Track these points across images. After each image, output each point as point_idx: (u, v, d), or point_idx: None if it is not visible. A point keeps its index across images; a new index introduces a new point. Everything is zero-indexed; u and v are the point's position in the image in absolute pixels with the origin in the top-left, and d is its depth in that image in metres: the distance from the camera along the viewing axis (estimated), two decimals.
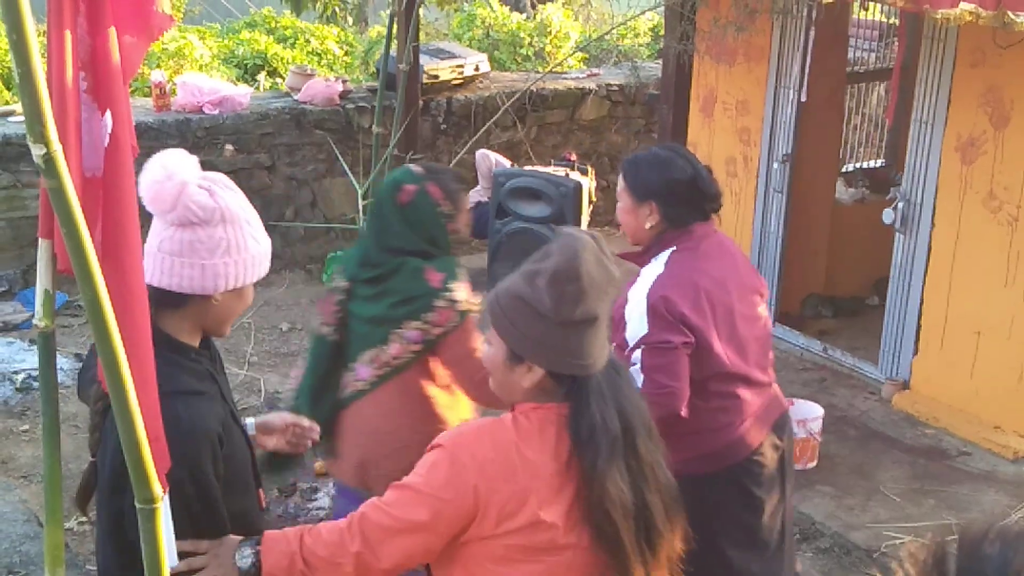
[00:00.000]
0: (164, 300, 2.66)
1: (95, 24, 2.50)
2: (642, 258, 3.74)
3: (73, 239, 1.71)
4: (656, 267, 3.65)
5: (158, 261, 2.69)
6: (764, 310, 3.84)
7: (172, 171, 2.79)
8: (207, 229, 2.70)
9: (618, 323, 3.59)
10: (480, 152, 7.94)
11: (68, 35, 2.44)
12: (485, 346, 2.63)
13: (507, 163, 8.03)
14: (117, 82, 2.58)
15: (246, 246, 2.74)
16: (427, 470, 2.46)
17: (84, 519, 5.33)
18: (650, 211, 3.67)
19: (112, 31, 2.56)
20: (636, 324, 3.59)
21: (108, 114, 2.51)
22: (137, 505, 1.73)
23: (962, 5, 4.45)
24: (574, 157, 8.09)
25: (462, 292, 3.75)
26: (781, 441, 3.82)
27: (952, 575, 1.14)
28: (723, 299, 3.65)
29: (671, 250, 3.66)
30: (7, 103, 8.57)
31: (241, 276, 2.72)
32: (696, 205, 3.71)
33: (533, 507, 2.41)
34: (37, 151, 1.71)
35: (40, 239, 2.66)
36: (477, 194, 8.12)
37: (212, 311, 2.73)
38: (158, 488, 1.75)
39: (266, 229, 2.95)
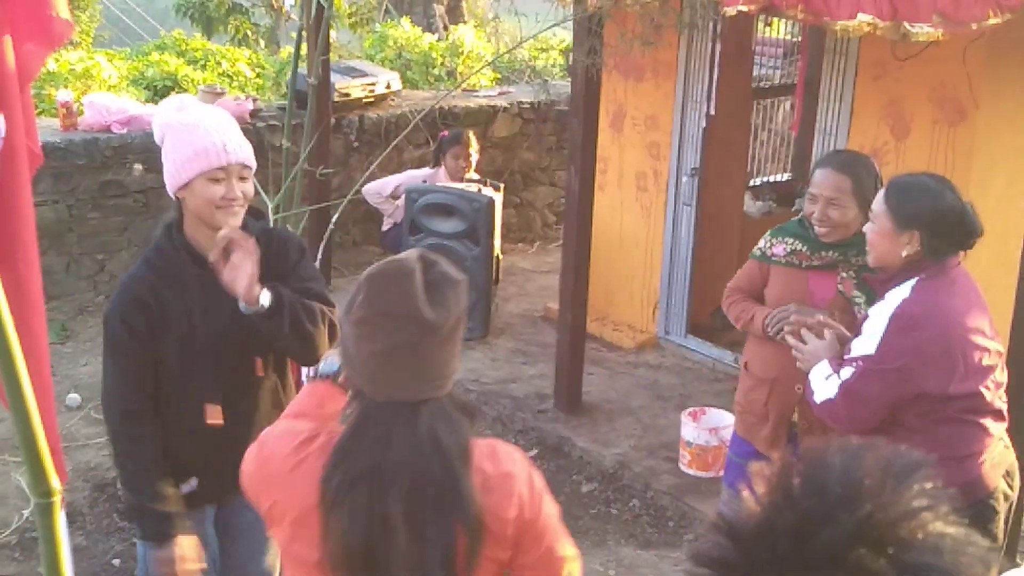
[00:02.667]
0: (177, 207, 3.39)
1: None
2: (886, 284, 3.63)
3: None
4: (902, 291, 3.54)
5: None
6: (996, 345, 3.67)
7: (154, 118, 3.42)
8: (163, 146, 3.32)
9: (854, 336, 3.64)
10: (366, 189, 7.98)
11: None
12: None
13: (393, 181, 8.06)
14: (13, 87, 2.55)
15: (178, 146, 3.26)
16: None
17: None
18: (910, 239, 3.53)
19: (8, 38, 2.53)
20: (866, 340, 3.53)
21: (1, 118, 2.48)
22: (34, 500, 1.71)
23: (860, 16, 4.51)
24: (446, 132, 8.18)
25: None
26: (1011, 491, 3.73)
27: (797, 488, 1.16)
28: (966, 329, 3.52)
29: (920, 277, 3.54)
30: None
31: (181, 172, 3.26)
32: (959, 240, 3.57)
33: (285, 525, 2.36)
34: None
35: None
36: (390, 219, 8.13)
37: (188, 207, 3.32)
38: (56, 482, 1.73)
39: None
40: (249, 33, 16.40)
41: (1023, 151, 5.69)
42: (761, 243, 4.47)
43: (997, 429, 3.65)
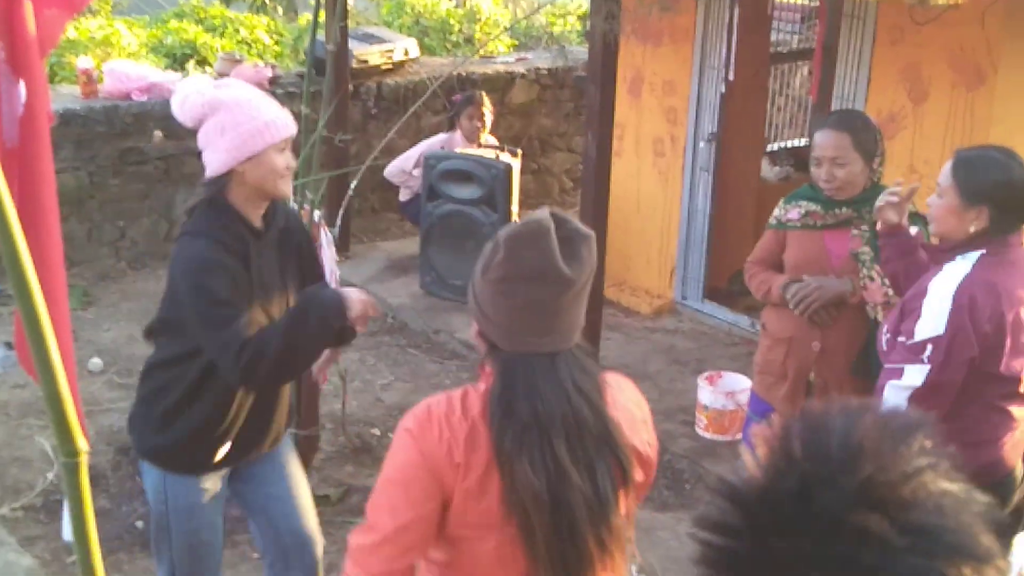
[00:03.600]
0: (219, 183, 3.38)
1: None
2: (944, 254, 3.55)
3: None
4: (963, 266, 3.45)
5: (204, 158, 3.39)
6: None
7: (179, 96, 3.40)
8: (208, 122, 3.34)
9: (909, 312, 3.49)
10: (388, 172, 8.06)
11: None
12: None
13: (414, 154, 8.09)
14: (34, 53, 2.56)
15: (241, 122, 3.31)
16: (387, 475, 2.48)
17: (16, 506, 5.29)
18: (978, 214, 3.45)
19: (29, 4, 2.54)
20: (932, 321, 3.41)
21: (22, 84, 2.49)
22: (62, 459, 1.74)
23: None
24: (459, 96, 8.21)
25: None
26: None
27: (798, 451, 1.15)
28: (1019, 310, 3.46)
29: (981, 252, 3.46)
30: None
31: (246, 146, 3.32)
32: (1021, 215, 3.52)
33: (471, 483, 2.41)
34: None
35: None
36: (407, 188, 8.14)
37: (248, 179, 3.36)
38: (82, 442, 1.76)
39: None
40: (267, 0, 16.35)
41: None
42: (776, 212, 4.49)
43: (1021, 414, 3.62)
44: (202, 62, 9.67)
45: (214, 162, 3.36)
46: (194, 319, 3.42)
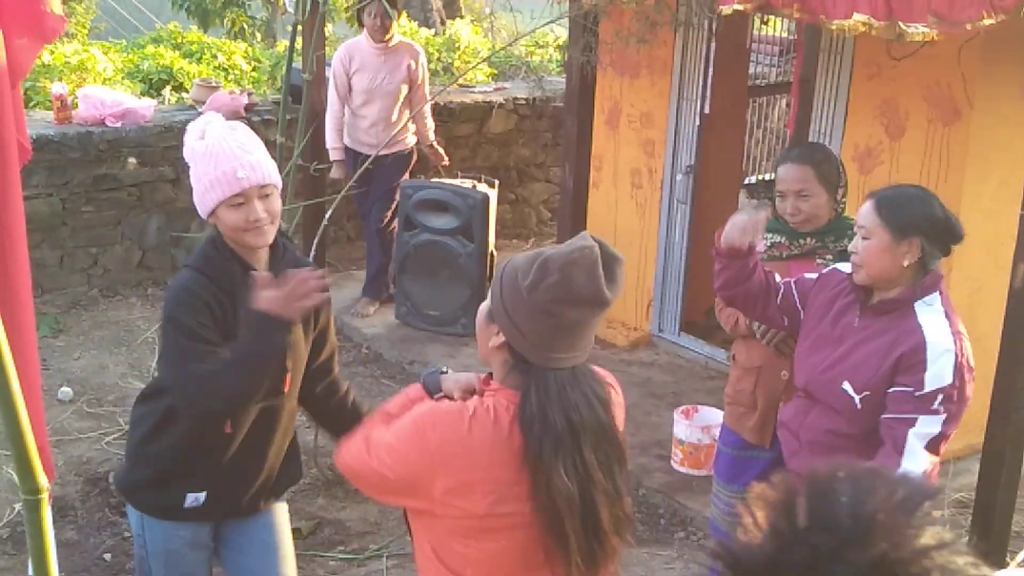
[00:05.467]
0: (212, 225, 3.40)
1: None
2: (901, 304, 3.57)
3: None
4: (937, 313, 3.53)
5: None
6: None
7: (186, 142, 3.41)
8: (189, 173, 3.36)
9: (914, 365, 3.50)
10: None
11: None
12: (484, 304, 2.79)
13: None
14: (4, 83, 2.56)
15: (199, 176, 3.31)
16: (399, 437, 2.68)
17: None
18: (910, 247, 3.50)
19: None
20: (940, 371, 3.46)
21: None
22: (23, 496, 1.72)
23: (855, 16, 4.53)
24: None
25: None
26: None
27: (804, 519, 1.12)
28: None
29: (938, 294, 3.56)
30: None
31: (201, 204, 3.33)
32: (948, 246, 3.59)
33: (479, 497, 2.58)
34: None
35: None
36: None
37: (222, 228, 3.35)
38: (43, 480, 1.74)
39: (169, 241, 3.49)
40: (245, 26, 16.38)
41: (1018, 151, 5.71)
42: None
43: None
44: (179, 88, 9.65)
45: (199, 211, 3.39)
46: (163, 347, 3.43)
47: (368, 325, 7.75)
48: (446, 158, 8.31)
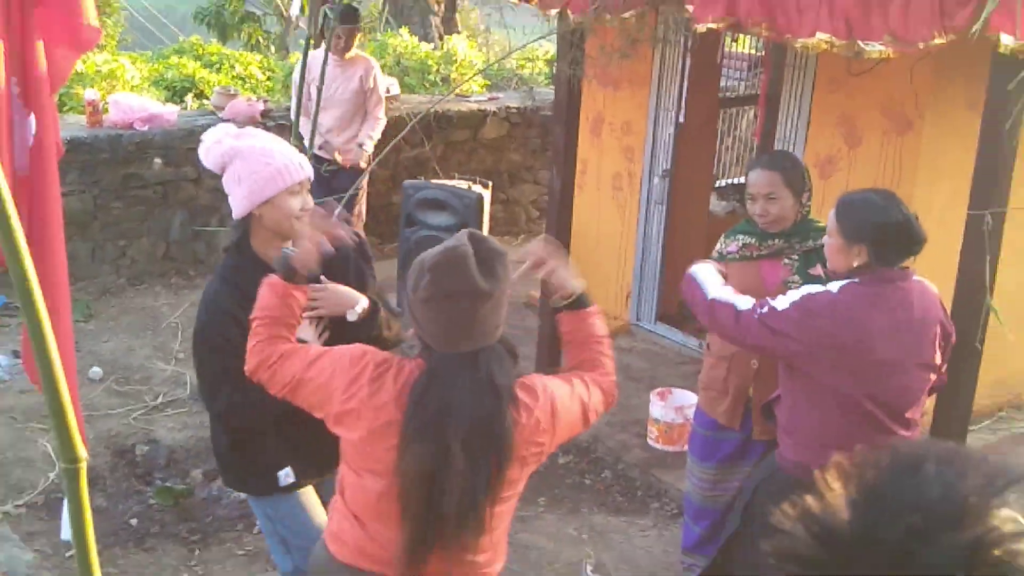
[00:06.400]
0: (243, 225, 3.40)
1: (26, 37, 2.47)
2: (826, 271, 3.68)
3: (5, 228, 1.69)
4: (834, 285, 3.57)
5: (230, 203, 3.40)
6: (926, 372, 3.68)
7: (203, 145, 3.40)
8: (228, 170, 3.34)
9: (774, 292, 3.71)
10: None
11: (1, 46, 2.41)
12: None
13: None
14: (44, 89, 2.55)
15: (255, 170, 3.30)
16: (322, 355, 2.84)
17: (20, 503, 5.24)
18: (859, 252, 3.55)
19: (40, 44, 2.53)
20: (781, 299, 3.58)
21: (33, 117, 2.48)
22: (63, 466, 1.73)
23: (819, 34, 4.52)
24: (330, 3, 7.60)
25: None
26: None
27: (892, 498, 1.02)
28: (870, 339, 3.51)
29: (854, 281, 3.56)
30: None
31: (260, 192, 3.31)
32: (905, 248, 3.59)
33: (362, 431, 2.69)
34: None
35: None
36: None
37: (266, 222, 3.36)
38: (82, 450, 1.75)
39: (191, 235, 3.53)
40: (261, 40, 16.34)
41: (966, 163, 5.72)
42: (717, 245, 4.57)
43: (895, 430, 3.64)
44: (199, 95, 9.63)
45: (235, 207, 3.38)
46: (197, 368, 3.51)
47: None
48: (349, 162, 7.80)
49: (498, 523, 2.78)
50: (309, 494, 3.69)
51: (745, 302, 3.69)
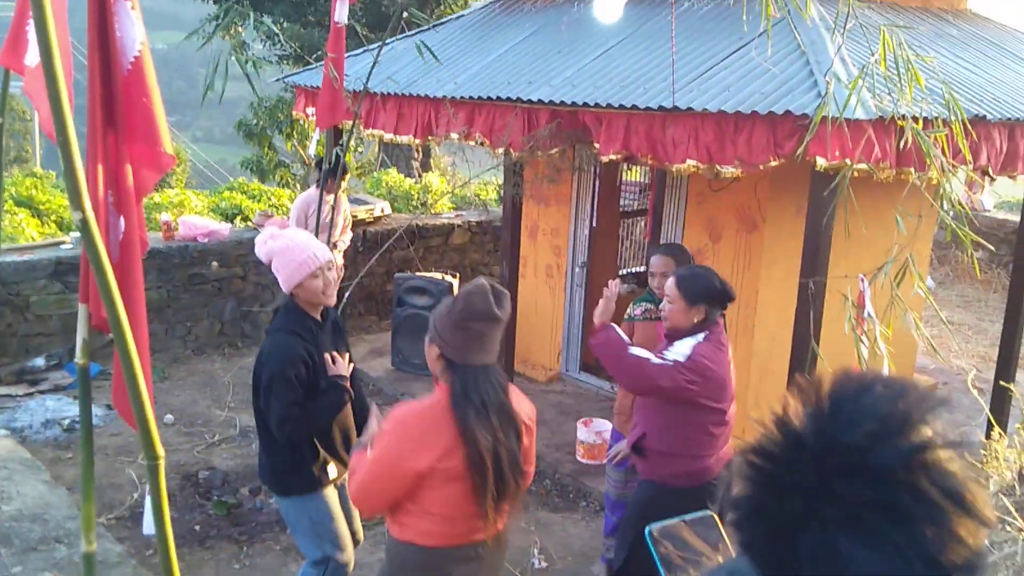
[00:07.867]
0: (289, 295, 3.41)
1: (120, 162, 2.46)
2: (677, 336, 3.60)
3: (100, 274, 1.66)
4: (696, 338, 3.55)
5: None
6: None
7: (257, 244, 3.46)
8: (272, 262, 3.39)
9: (661, 348, 3.62)
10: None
11: (100, 167, 2.40)
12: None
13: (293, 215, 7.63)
14: (131, 199, 2.53)
15: (287, 263, 3.35)
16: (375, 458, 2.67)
17: (111, 516, 5.06)
18: (698, 311, 3.55)
19: (128, 167, 2.52)
20: (676, 353, 3.51)
21: (122, 219, 2.46)
22: (146, 462, 1.68)
23: (688, 161, 4.60)
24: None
25: None
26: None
27: (854, 410, 0.92)
28: (724, 370, 3.57)
29: (707, 333, 3.57)
30: (56, 235, 8.24)
31: (293, 278, 3.35)
32: (722, 305, 3.61)
33: (431, 460, 2.58)
34: (76, 216, 1.67)
35: (80, 304, 2.57)
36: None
37: (302, 297, 3.39)
38: (161, 450, 1.70)
39: (240, 316, 3.56)
40: (289, 179, 16.32)
41: (795, 249, 5.81)
42: (628, 310, 4.57)
43: (726, 436, 3.69)
44: (245, 218, 9.58)
45: (281, 287, 3.43)
46: (271, 393, 3.38)
47: (373, 370, 7.66)
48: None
49: (524, 489, 2.76)
50: (334, 494, 3.63)
51: (655, 357, 3.60)
